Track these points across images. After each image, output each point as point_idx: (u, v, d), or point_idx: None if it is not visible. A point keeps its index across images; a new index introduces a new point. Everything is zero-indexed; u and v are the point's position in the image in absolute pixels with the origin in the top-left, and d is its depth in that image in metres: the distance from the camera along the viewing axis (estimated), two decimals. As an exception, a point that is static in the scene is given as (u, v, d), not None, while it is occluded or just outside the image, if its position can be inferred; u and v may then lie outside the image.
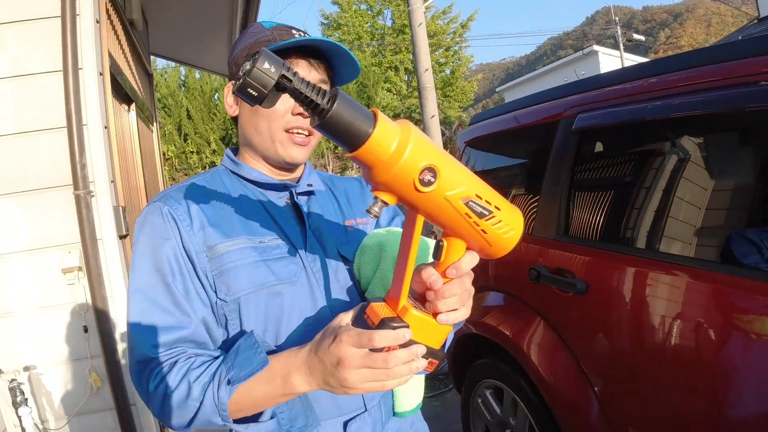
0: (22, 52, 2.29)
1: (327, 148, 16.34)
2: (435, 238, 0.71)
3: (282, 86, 0.58)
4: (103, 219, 2.30)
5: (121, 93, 3.08)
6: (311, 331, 0.86)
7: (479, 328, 2.21)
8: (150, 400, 0.83)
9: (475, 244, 0.70)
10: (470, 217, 0.66)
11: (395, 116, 17.62)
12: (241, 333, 0.88)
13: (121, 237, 2.39)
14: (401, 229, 0.81)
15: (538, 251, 1.93)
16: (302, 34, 0.95)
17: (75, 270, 2.25)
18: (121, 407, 2.26)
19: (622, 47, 22.16)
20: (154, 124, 4.44)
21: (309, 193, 1.02)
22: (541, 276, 1.82)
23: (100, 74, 2.35)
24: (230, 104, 1.01)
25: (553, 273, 1.80)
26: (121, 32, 3.11)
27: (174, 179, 13.61)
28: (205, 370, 0.80)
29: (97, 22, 2.39)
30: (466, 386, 2.45)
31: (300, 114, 0.92)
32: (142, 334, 0.84)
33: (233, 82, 0.95)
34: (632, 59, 22.07)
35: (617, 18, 24.50)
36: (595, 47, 22.72)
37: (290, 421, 0.85)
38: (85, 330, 2.27)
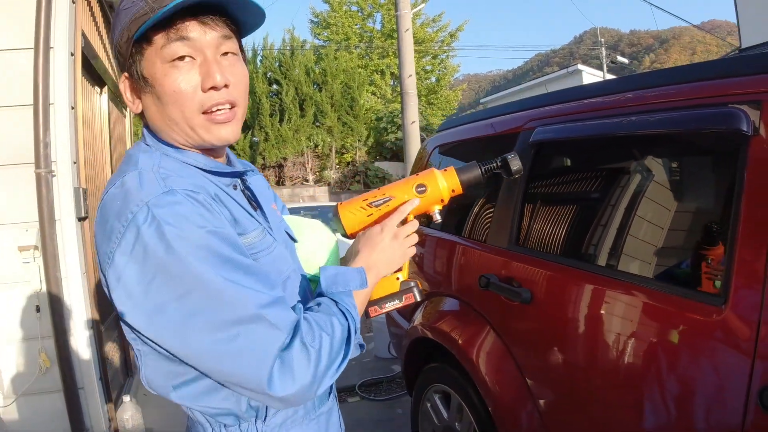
0: (-4, 27, 2.27)
1: (307, 147, 16.30)
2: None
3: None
4: (63, 199, 2.30)
5: (94, 75, 3.06)
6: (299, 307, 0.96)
7: (432, 332, 2.25)
8: (317, 366, 0.77)
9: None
10: None
11: (378, 119, 17.66)
12: None
13: (80, 219, 2.38)
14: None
15: (490, 259, 1.98)
16: None
17: (31, 248, 2.24)
18: (69, 389, 2.25)
19: (605, 68, 22.55)
20: (128, 108, 4.41)
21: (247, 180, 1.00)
22: (491, 284, 1.87)
23: (72, 54, 2.35)
24: (130, 100, 0.86)
25: (502, 281, 1.84)
26: (98, 13, 3.09)
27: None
28: (324, 305, 0.86)
29: (73, 2, 2.39)
30: (417, 390, 2.49)
31: (212, 88, 0.81)
32: (274, 307, 0.76)
33: (125, 76, 0.85)
34: (615, 81, 22.44)
35: (603, 39, 24.92)
36: (580, 66, 23.05)
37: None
38: (38, 310, 2.26)
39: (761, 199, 1.20)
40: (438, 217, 1.07)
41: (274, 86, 16.60)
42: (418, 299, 1.04)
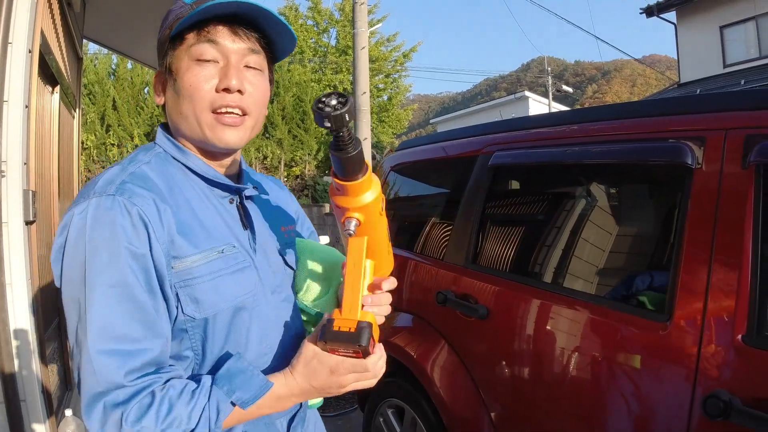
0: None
1: (255, 158, 16.13)
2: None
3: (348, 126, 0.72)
4: (10, 202, 2.20)
5: (48, 74, 2.96)
6: (266, 339, 0.92)
7: (386, 347, 2.28)
8: None
9: (381, 263, 0.91)
10: (389, 241, 0.92)
11: (328, 134, 17.69)
12: (202, 348, 0.86)
13: (28, 223, 2.29)
14: (330, 247, 1.07)
15: (446, 276, 2.04)
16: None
17: (-26, 251, 2.14)
18: (11, 402, 2.14)
19: (550, 96, 23.46)
20: (77, 110, 4.27)
21: (250, 196, 0.97)
22: (447, 300, 1.93)
23: (29, 52, 2.28)
24: (157, 93, 0.92)
25: (459, 298, 1.91)
26: (56, 10, 3.01)
27: (90, 170, 12.94)
28: (194, 396, 0.78)
29: (33, -2, 2.32)
30: (369, 405, 2.50)
31: (225, 90, 0.84)
32: (110, 358, 0.74)
33: (159, 70, 0.91)
34: (559, 108, 23.41)
35: (549, 68, 25.93)
36: (527, 93, 23.92)
37: None
38: (-23, 315, 2.15)
39: (702, 225, 1.32)
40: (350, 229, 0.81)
41: (225, 95, 16.37)
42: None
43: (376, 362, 0.84)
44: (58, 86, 3.26)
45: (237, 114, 0.86)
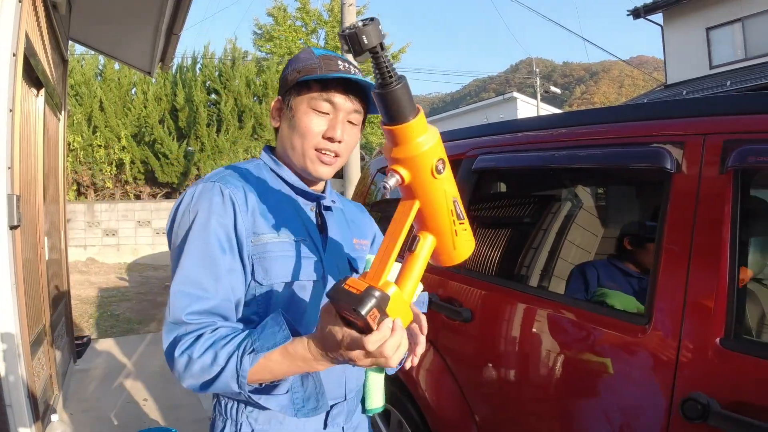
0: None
1: (244, 159, 16.07)
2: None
3: (375, 52, 0.66)
4: (-5, 206, 2.19)
5: (32, 77, 2.94)
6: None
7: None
8: (173, 362, 0.93)
9: (446, 242, 0.80)
10: (452, 215, 0.78)
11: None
12: (265, 313, 1.01)
13: (12, 227, 2.28)
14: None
15: (431, 279, 2.05)
16: (346, 65, 1.09)
17: (-43, 256, 2.12)
18: (-7, 407, 2.13)
19: (539, 97, 23.56)
20: (63, 111, 4.23)
21: (329, 207, 1.17)
22: (432, 303, 1.94)
23: (14, 55, 2.27)
24: (274, 116, 1.15)
25: (443, 301, 1.92)
26: (41, 13, 2.98)
27: (76, 172, 12.83)
28: (230, 340, 0.91)
29: (19, 1, 2.31)
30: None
31: (330, 138, 1.07)
32: (182, 298, 0.95)
33: (279, 97, 1.13)
34: (547, 109, 23.52)
35: (538, 69, 26.04)
36: (515, 94, 23.99)
37: (303, 401, 0.96)
38: (-39, 321, 2.13)
39: (681, 228, 1.34)
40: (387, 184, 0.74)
41: (213, 96, 16.30)
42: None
43: (377, 342, 0.74)
44: (44, 89, 3.23)
45: (332, 155, 1.09)
